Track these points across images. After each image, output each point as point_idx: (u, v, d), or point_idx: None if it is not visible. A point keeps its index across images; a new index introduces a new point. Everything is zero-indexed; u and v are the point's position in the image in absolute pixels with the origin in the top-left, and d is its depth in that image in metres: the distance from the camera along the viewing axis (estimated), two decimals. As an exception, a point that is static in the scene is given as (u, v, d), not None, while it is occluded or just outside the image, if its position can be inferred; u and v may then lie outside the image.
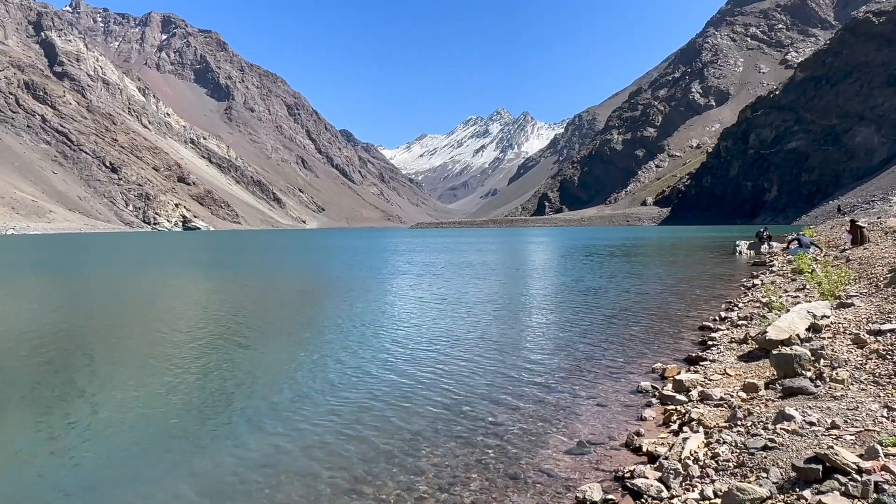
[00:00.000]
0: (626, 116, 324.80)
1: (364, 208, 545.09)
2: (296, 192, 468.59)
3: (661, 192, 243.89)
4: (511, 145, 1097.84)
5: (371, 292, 22.11)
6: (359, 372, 10.12)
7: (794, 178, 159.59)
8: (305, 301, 20.68)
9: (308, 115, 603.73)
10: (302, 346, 12.50)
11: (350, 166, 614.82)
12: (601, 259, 38.85)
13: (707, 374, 8.60)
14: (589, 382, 9.22)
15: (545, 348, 11.86)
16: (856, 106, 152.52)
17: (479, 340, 12.70)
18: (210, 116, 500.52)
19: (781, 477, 4.58)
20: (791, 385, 6.72)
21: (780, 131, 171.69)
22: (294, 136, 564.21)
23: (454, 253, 50.75)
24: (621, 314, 15.72)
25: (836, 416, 5.56)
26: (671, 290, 20.86)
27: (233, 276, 30.83)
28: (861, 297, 11.46)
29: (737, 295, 17.90)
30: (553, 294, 20.91)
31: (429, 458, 6.45)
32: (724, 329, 12.17)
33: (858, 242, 23.00)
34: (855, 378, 6.67)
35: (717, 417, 6.60)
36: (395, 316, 16.37)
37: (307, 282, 27.72)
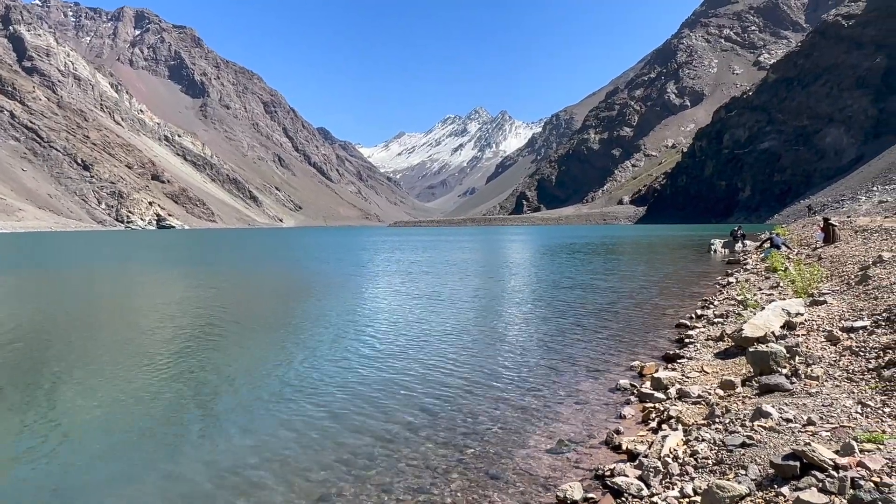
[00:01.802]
0: (603, 116, 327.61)
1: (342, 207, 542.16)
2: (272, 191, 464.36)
3: (637, 191, 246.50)
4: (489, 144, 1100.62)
5: (349, 291, 21.96)
6: (336, 371, 10.03)
7: (767, 177, 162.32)
8: (281, 301, 20.46)
9: (285, 112, 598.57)
10: (278, 346, 12.35)
11: (328, 164, 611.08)
12: (579, 258, 39.09)
13: (685, 372, 8.67)
14: (569, 381, 9.24)
15: (525, 347, 11.87)
16: (826, 107, 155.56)
17: (459, 340, 12.67)
18: (185, 113, 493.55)
19: (760, 474, 4.61)
20: (767, 382, 6.79)
21: (753, 131, 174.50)
22: (271, 133, 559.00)
23: (432, 252, 50.68)
24: (600, 312, 15.81)
25: (812, 413, 5.62)
26: (648, 288, 21.04)
27: (208, 275, 30.40)
28: (833, 295, 11.66)
29: (712, 293, 18.11)
30: (532, 293, 20.97)
31: (408, 458, 6.39)
32: (701, 327, 12.30)
33: (830, 241, 23.44)
34: (829, 375, 6.77)
35: (696, 415, 6.64)
36: (372, 315, 16.27)
37: (283, 281, 27.44)
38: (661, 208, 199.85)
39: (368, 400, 8.48)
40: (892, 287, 10.02)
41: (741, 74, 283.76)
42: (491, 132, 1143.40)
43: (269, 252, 55.16)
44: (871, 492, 3.84)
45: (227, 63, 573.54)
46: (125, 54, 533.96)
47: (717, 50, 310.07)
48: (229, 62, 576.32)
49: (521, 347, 11.81)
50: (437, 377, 9.63)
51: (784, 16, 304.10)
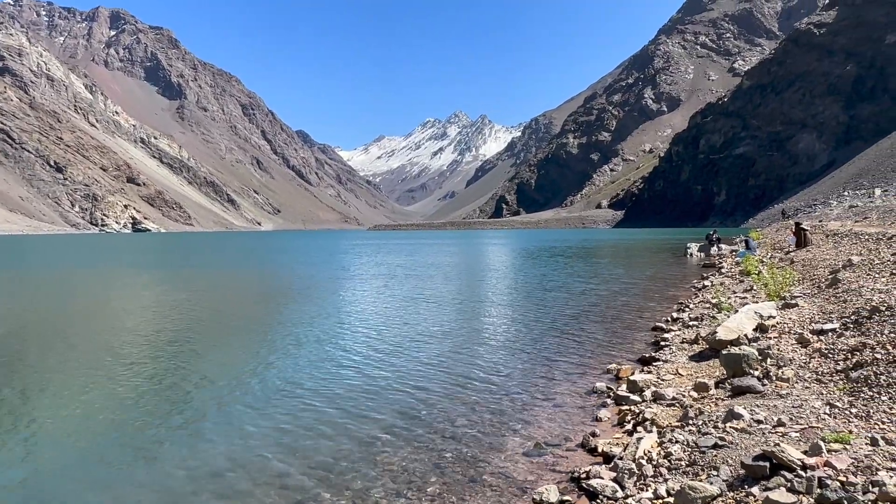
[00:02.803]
0: (582, 121, 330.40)
1: (321, 210, 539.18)
2: (251, 194, 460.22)
3: (615, 195, 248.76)
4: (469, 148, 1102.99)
5: (328, 295, 21.85)
6: (314, 376, 9.98)
7: (742, 182, 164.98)
8: (258, 305, 20.30)
9: (263, 115, 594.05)
10: (255, 350, 12.26)
11: (306, 167, 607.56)
12: (558, 261, 39.34)
13: (660, 375, 8.78)
14: (546, 384, 9.31)
15: (503, 350, 11.92)
16: (799, 113, 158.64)
17: (438, 344, 12.69)
18: (161, 115, 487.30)
19: (731, 475, 4.69)
20: (740, 384, 6.91)
21: (728, 137, 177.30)
22: (249, 136, 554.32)
23: (412, 255, 50.64)
24: (577, 316, 15.94)
25: (783, 414, 5.74)
26: (626, 291, 21.26)
27: (185, 278, 30.02)
28: (805, 298, 11.89)
29: (688, 296, 18.36)
30: (511, 296, 21.07)
31: (385, 462, 6.39)
32: (676, 330, 12.46)
33: (802, 245, 23.89)
34: (799, 376, 6.91)
35: (670, 417, 6.74)
36: (351, 319, 16.22)
37: (261, 285, 27.22)
38: (639, 212, 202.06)
39: (346, 404, 8.45)
40: (861, 290, 10.25)
41: (717, 80, 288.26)
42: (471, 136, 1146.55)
43: (248, 256, 54.66)
44: (837, 491, 3.94)
45: (205, 65, 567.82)
46: (100, 55, 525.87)
47: (693, 56, 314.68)
48: (207, 64, 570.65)
49: (499, 351, 11.86)
50: (415, 381, 9.64)
51: (758, 23, 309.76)
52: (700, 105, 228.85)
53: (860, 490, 3.92)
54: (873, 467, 4.26)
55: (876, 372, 6.04)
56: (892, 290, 9.43)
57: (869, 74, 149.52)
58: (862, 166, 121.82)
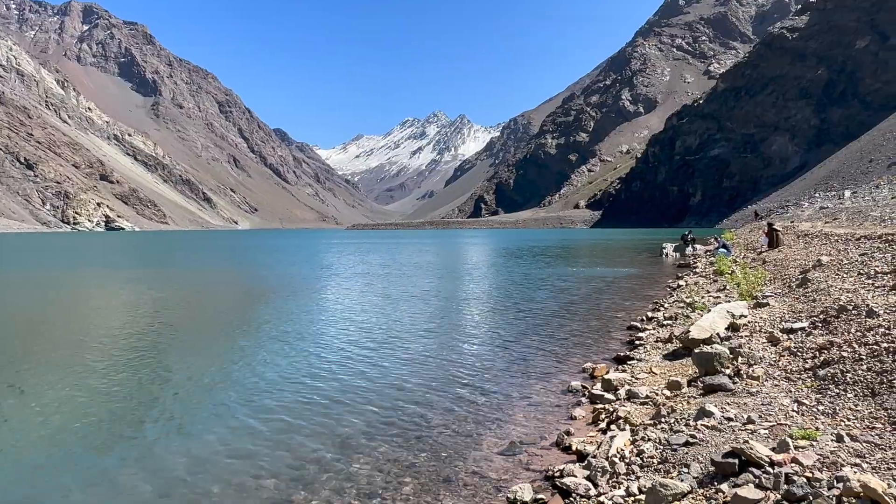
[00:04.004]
0: (560, 121, 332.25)
1: (298, 209, 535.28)
2: (227, 192, 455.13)
3: (593, 195, 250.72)
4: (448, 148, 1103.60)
5: (305, 293, 21.70)
6: (287, 376, 9.90)
7: (717, 183, 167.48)
8: (234, 305, 20.09)
9: (240, 112, 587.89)
10: (229, 350, 12.13)
11: (284, 166, 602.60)
12: (535, 261, 39.54)
13: (634, 373, 8.88)
14: (522, 383, 9.35)
15: (479, 350, 11.95)
16: (772, 116, 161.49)
17: (414, 343, 12.67)
18: (136, 112, 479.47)
19: (701, 472, 4.76)
20: (711, 382, 7.01)
21: (703, 139, 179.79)
22: (225, 134, 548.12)
23: (390, 254, 50.52)
24: (554, 315, 16.04)
25: (752, 412, 5.83)
26: (602, 291, 21.45)
27: (160, 278, 29.58)
28: (775, 297, 12.11)
29: (663, 295, 18.59)
30: (487, 295, 21.13)
31: (361, 463, 6.36)
32: (651, 329, 12.61)
33: (774, 245, 24.29)
34: (769, 374, 7.03)
35: (643, 415, 6.81)
36: (325, 318, 16.12)
37: (237, 284, 26.94)
38: (616, 212, 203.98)
39: (321, 405, 8.40)
40: (830, 290, 10.47)
41: (692, 83, 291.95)
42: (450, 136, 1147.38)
43: (225, 255, 54.05)
44: (804, 486, 4.01)
45: (181, 61, 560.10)
46: (72, 50, 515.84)
47: (669, 59, 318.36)
48: (183, 60, 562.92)
49: (477, 350, 11.89)
50: (392, 380, 9.62)
51: (732, 27, 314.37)
52: (676, 107, 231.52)
53: (825, 486, 4.00)
54: (838, 463, 4.35)
55: (842, 370, 6.16)
56: (860, 289, 9.64)
57: (839, 79, 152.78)
58: (832, 169, 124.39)
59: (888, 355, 5.97)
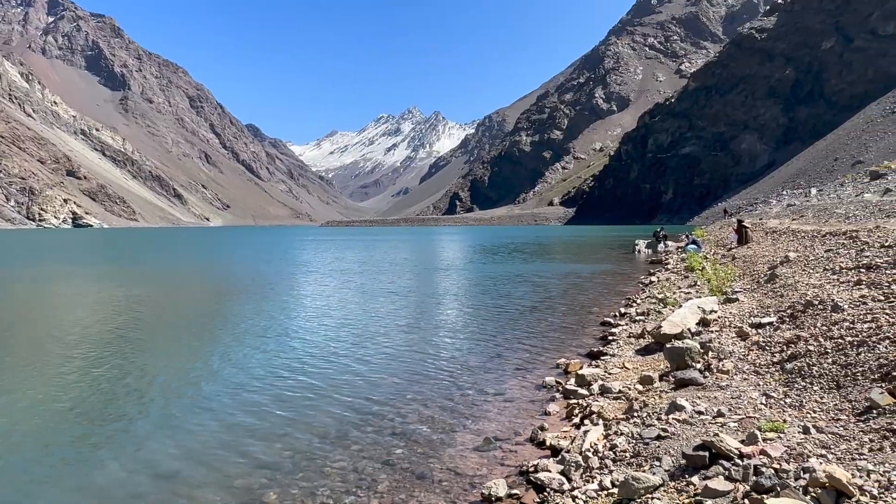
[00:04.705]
0: (534, 119, 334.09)
1: (272, 206, 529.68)
2: (199, 189, 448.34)
3: (567, 192, 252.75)
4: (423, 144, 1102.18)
5: (278, 290, 21.49)
6: (260, 373, 9.80)
7: (688, 181, 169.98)
8: (206, 302, 19.80)
9: (212, 107, 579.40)
10: (201, 347, 11.95)
11: (257, 162, 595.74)
12: (510, 258, 39.72)
13: (607, 368, 8.97)
14: (496, 379, 9.38)
15: (454, 345, 11.97)
16: (741, 115, 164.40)
17: (389, 339, 12.64)
18: (104, 107, 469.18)
19: (672, 465, 4.83)
20: (682, 377, 7.11)
21: (675, 137, 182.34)
22: (197, 129, 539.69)
23: (365, 251, 50.30)
24: (529, 311, 16.13)
25: (722, 405, 5.93)
26: (576, 287, 21.63)
27: (130, 276, 29.01)
28: (744, 293, 12.33)
29: (635, 291, 18.81)
30: (461, 292, 21.16)
31: (335, 460, 6.33)
32: (624, 324, 12.76)
33: (743, 242, 24.73)
34: (738, 368, 7.16)
35: (616, 410, 6.89)
36: (300, 315, 15.99)
37: (210, 282, 26.56)
38: (590, 209, 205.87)
39: (294, 402, 8.33)
40: (797, 285, 10.69)
41: (664, 82, 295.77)
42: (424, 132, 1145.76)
43: (197, 252, 53.25)
44: (772, 478, 4.09)
45: (150, 55, 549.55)
46: (37, 42, 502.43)
47: (641, 57, 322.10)
48: (152, 54, 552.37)
49: (450, 347, 11.90)
50: (366, 377, 9.58)
51: (703, 27, 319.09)
52: (648, 105, 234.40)
53: (792, 476, 4.09)
54: (805, 454, 4.45)
55: (809, 363, 6.30)
56: (825, 285, 9.87)
57: (806, 79, 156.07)
58: (799, 167, 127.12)
59: (852, 349, 6.12)
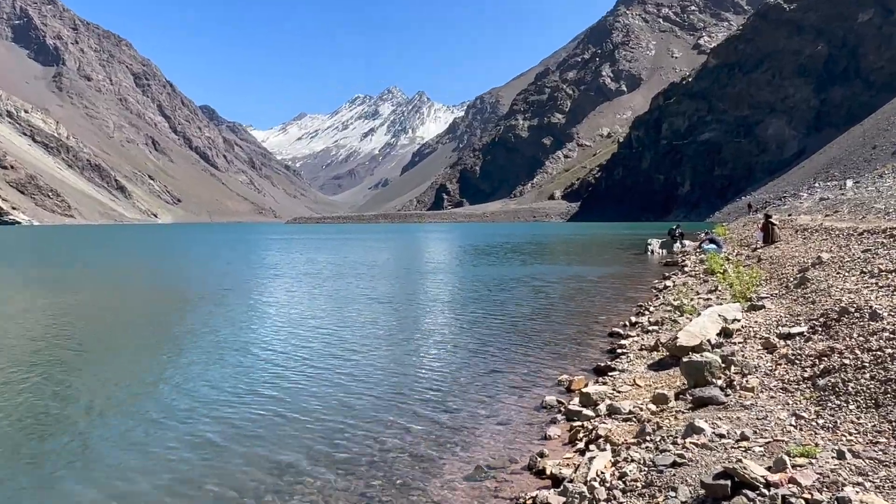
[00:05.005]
0: (533, 100, 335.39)
1: (230, 200, 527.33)
2: (145, 180, 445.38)
3: (570, 184, 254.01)
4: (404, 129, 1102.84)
5: (244, 298, 21.39)
6: (219, 393, 9.74)
7: (707, 171, 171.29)
8: (158, 310, 19.67)
9: (160, 86, 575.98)
10: (150, 363, 11.87)
11: (213, 149, 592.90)
12: (505, 259, 39.80)
13: (616, 386, 9.02)
14: (489, 398, 9.40)
15: (442, 360, 11.98)
16: (767, 96, 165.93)
17: (369, 353, 12.62)
18: (34, 85, 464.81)
19: (690, 495, 4.86)
20: (701, 395, 7.17)
21: (692, 121, 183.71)
22: (143, 111, 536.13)
23: (340, 253, 50.20)
24: (527, 321, 16.18)
25: (746, 427, 5.98)
26: (580, 293, 21.74)
27: (64, 280, 28.74)
28: (772, 299, 12.46)
29: (648, 298, 18.95)
30: (449, 299, 21.18)
31: (304, 492, 6.31)
32: (635, 335, 12.84)
33: (770, 241, 24.99)
34: (764, 385, 7.23)
35: (626, 433, 6.93)
36: (264, 326, 15.93)
37: (161, 289, 26.39)
38: (596, 204, 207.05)
39: (254, 430, 8.28)
40: (830, 290, 10.82)
41: (680, 58, 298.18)
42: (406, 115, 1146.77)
43: (143, 252, 52.85)
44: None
45: (89, 25, 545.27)
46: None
47: (655, 31, 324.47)
48: (91, 24, 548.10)
49: (439, 361, 11.91)
50: (339, 398, 9.55)
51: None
52: (662, 85, 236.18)
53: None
54: (839, 482, 4.50)
55: (844, 379, 6.38)
56: (863, 289, 9.99)
57: (841, 55, 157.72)
58: (833, 156, 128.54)
59: (893, 362, 6.20)
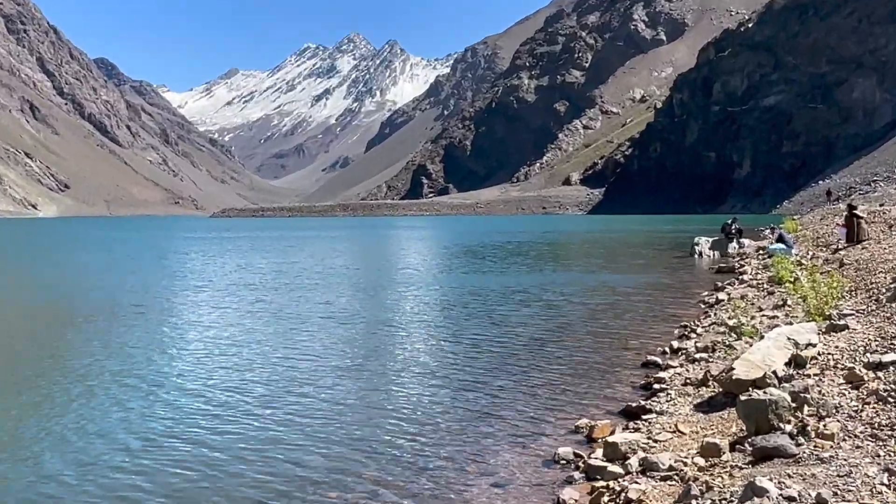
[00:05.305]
0: (541, 53, 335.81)
1: (136, 185, 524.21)
2: (20, 159, 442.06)
3: (591, 165, 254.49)
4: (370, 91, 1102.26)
5: (156, 314, 21.27)
6: (124, 441, 9.67)
7: (774, 147, 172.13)
8: (37, 332, 19.54)
9: (41, 33, 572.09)
10: (34, 399, 11.77)
11: (113, 118, 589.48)
12: (507, 264, 39.80)
13: (652, 433, 9.02)
14: (483, 451, 9.37)
15: (419, 399, 11.96)
16: (852, 48, 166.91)
17: (320, 389, 12.56)
18: None
19: (750, 578, 4.87)
20: (765, 444, 7.18)
21: (753, 81, 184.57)
22: (17, 66, 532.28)
23: (288, 256, 50.02)
24: (534, 347, 16.19)
25: (824, 487, 6.00)
26: (606, 310, 21.78)
27: None
28: (857, 317, 12.51)
29: (695, 316, 19.01)
30: (432, 317, 21.17)
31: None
32: (677, 366, 12.85)
33: (855, 239, 25.11)
34: (848, 431, 7.24)
35: (665, 496, 6.93)
36: (179, 352, 15.84)
37: (44, 300, 26.22)
38: (626, 191, 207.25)
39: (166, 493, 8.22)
40: (934, 305, 10.90)
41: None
42: (373, 73, 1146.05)
43: (20, 255, 52.45)
44: None
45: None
46: None
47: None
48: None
49: (416, 402, 11.87)
50: (285, 449, 9.46)
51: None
52: (713, 33, 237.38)
53: None
54: (946, 560, 4.52)
55: (952, 422, 6.41)
56: (977, 303, 10.07)
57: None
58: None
59: None
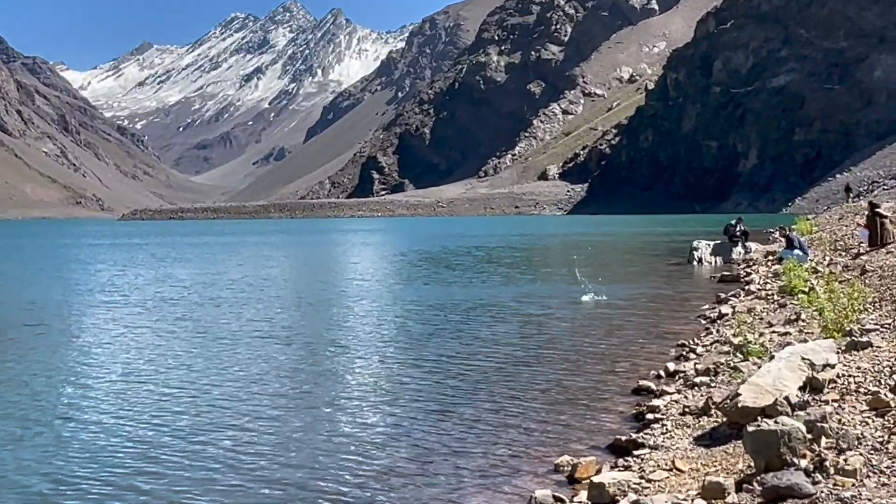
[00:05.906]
0: (513, 25, 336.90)
1: (29, 183, 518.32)
2: None
3: (572, 157, 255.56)
4: (310, 69, 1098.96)
5: (47, 335, 21.08)
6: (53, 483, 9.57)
7: (784, 135, 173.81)
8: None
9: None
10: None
11: (0, 101, 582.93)
12: (475, 273, 39.83)
13: (645, 472, 9.08)
14: (448, 493, 9.38)
15: (373, 432, 11.99)
16: (874, 20, 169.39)
17: (255, 422, 12.55)
18: None
19: None
20: (777, 483, 7.26)
21: (760, 58, 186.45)
22: None
23: (212, 265, 49.73)
24: (508, 370, 16.26)
25: (845, 531, 6.09)
26: (591, 326, 21.90)
27: None
28: (882, 332, 12.69)
29: (694, 333, 19.16)
30: (388, 335, 21.18)
31: None
32: (674, 392, 12.93)
33: (880, 242, 25.39)
34: (873, 466, 7.32)
35: (661, 545, 7.00)
36: (87, 380, 15.75)
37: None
38: (613, 187, 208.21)
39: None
40: (970, 318, 11.10)
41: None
42: (313, 47, 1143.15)
43: None
44: None
45: None
46: None
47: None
48: None
49: (368, 435, 11.88)
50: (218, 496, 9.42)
51: None
52: (714, 2, 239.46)
53: None
54: None
55: None
56: None
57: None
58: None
59: None
